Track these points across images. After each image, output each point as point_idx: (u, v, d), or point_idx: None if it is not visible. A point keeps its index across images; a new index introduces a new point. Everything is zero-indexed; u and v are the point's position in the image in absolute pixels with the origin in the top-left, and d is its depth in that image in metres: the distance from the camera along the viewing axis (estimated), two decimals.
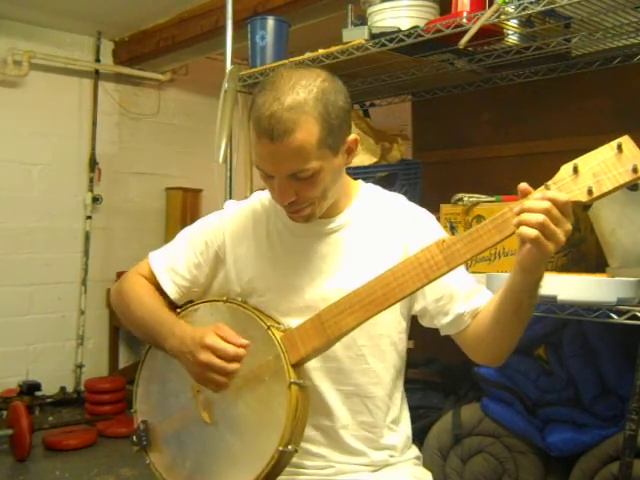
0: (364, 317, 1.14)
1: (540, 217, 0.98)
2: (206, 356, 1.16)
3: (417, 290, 1.13)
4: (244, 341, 1.17)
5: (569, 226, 1.00)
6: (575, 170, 1.00)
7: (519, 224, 1.00)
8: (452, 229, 2.00)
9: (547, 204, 0.98)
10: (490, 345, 1.22)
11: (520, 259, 1.05)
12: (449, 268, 1.08)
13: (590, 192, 0.99)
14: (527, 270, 1.06)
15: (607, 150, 0.99)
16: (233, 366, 1.16)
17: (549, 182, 1.02)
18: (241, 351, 1.16)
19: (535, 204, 0.99)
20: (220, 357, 1.15)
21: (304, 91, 1.13)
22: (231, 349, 1.16)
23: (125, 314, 1.37)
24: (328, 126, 1.14)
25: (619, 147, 0.98)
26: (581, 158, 1.01)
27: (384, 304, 1.12)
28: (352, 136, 1.22)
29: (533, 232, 0.98)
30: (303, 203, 1.20)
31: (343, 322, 1.14)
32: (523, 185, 1.04)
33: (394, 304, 1.14)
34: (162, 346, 1.26)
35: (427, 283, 1.11)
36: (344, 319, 1.14)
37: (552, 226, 0.98)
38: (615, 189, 0.99)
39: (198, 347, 1.17)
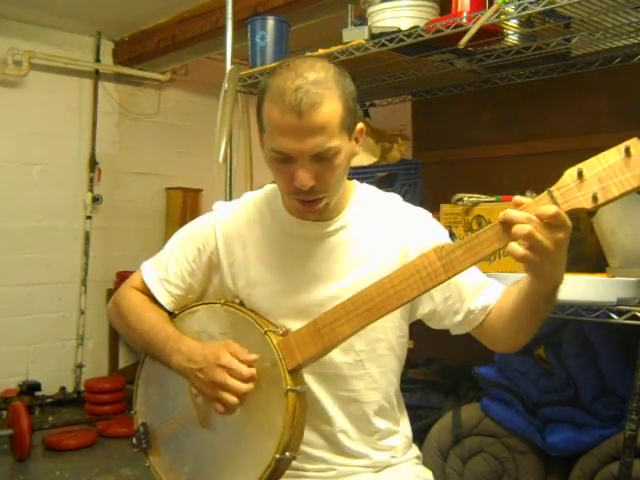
0: (361, 325, 1.12)
1: (525, 228, 0.95)
2: (221, 376, 1.13)
3: (414, 298, 1.11)
4: (252, 356, 1.15)
5: (561, 236, 0.96)
6: (580, 175, 0.95)
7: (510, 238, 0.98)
8: (451, 235, 1.98)
9: (529, 215, 0.95)
10: (507, 339, 1.22)
11: (524, 270, 1.03)
12: (447, 276, 1.06)
13: (595, 199, 0.94)
14: (537, 279, 1.04)
15: (614, 154, 0.93)
16: (247, 386, 1.13)
17: (552, 188, 0.98)
18: (253, 371, 1.14)
19: (517, 215, 0.96)
20: (234, 377, 1.13)
21: (322, 71, 1.13)
22: (245, 370, 1.13)
23: (124, 330, 1.35)
24: (347, 106, 1.15)
25: (627, 151, 0.92)
26: (586, 162, 0.95)
27: (381, 312, 1.10)
28: (360, 124, 1.21)
29: (519, 251, 0.96)
30: (320, 192, 1.16)
31: (340, 329, 1.12)
32: (517, 198, 1.00)
33: (391, 312, 1.12)
34: (166, 362, 1.23)
35: (424, 291, 1.08)
36: (341, 326, 1.12)
37: (538, 236, 0.95)
38: (622, 195, 0.93)
39: (213, 366, 1.14)
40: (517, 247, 0.97)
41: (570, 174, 0.96)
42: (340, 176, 1.19)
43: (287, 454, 1.13)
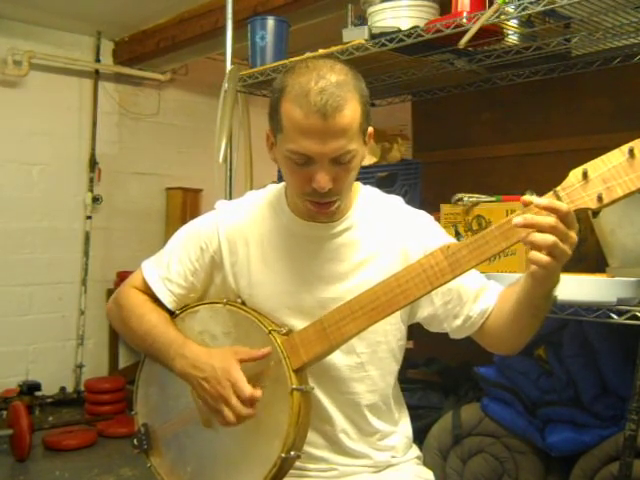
0: (367, 323, 1.12)
1: (550, 239, 0.95)
2: (227, 392, 1.13)
3: (421, 297, 1.11)
4: (262, 350, 1.15)
5: (574, 237, 0.97)
6: (585, 176, 0.96)
7: (530, 245, 0.98)
8: (457, 235, 1.98)
9: (553, 220, 0.95)
10: (507, 340, 1.23)
11: (532, 272, 1.03)
12: (454, 275, 1.06)
13: (600, 199, 0.96)
14: (541, 283, 1.05)
15: (618, 155, 0.95)
16: (248, 411, 1.12)
17: (558, 188, 0.99)
18: (257, 394, 1.13)
19: (541, 220, 0.96)
20: (238, 396, 1.13)
21: (343, 73, 1.13)
22: (248, 391, 1.12)
23: (125, 331, 1.34)
24: (365, 109, 1.15)
25: (631, 152, 0.94)
26: (590, 163, 0.97)
27: (387, 311, 1.10)
28: (370, 128, 1.21)
29: (544, 259, 0.97)
30: (335, 195, 1.16)
31: (345, 328, 1.12)
32: (525, 197, 1.00)
33: (397, 311, 1.12)
34: (169, 365, 1.22)
35: (431, 290, 1.09)
36: (346, 325, 1.12)
37: (561, 245, 0.96)
38: (626, 195, 0.95)
39: (221, 379, 1.13)
40: (541, 256, 0.97)
41: (575, 174, 0.98)
42: (353, 179, 1.19)
43: (292, 453, 1.13)
